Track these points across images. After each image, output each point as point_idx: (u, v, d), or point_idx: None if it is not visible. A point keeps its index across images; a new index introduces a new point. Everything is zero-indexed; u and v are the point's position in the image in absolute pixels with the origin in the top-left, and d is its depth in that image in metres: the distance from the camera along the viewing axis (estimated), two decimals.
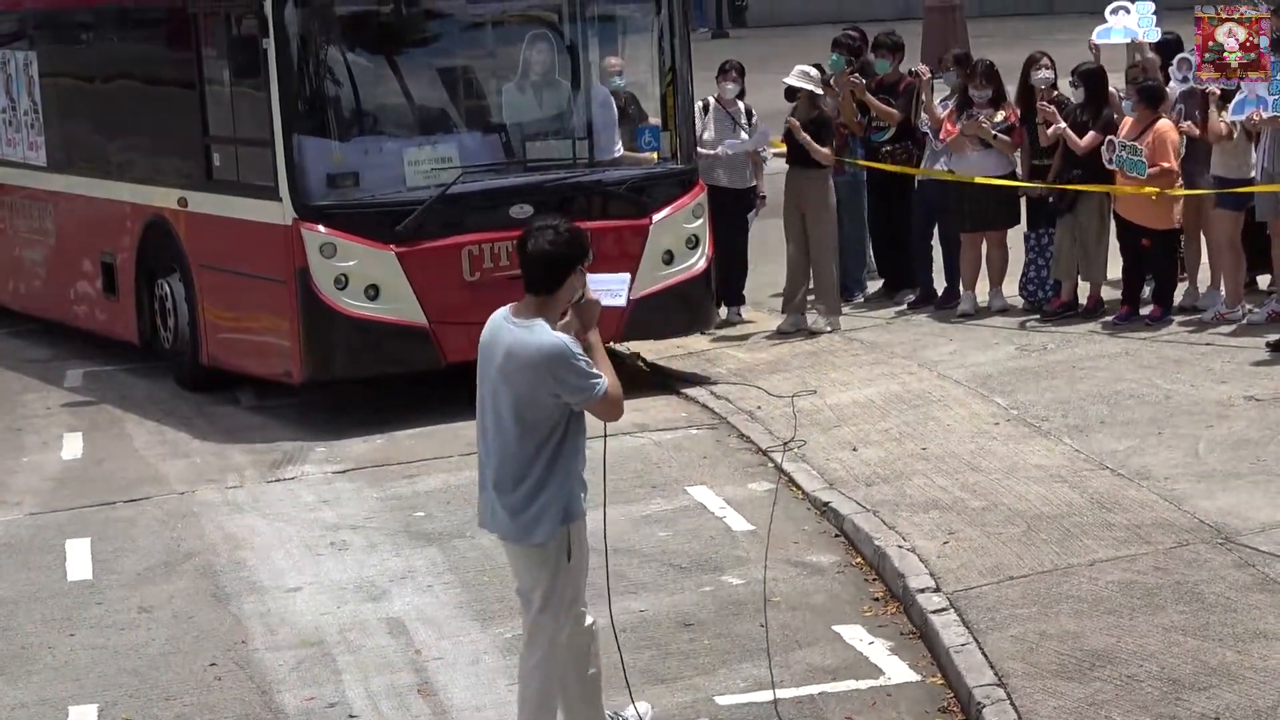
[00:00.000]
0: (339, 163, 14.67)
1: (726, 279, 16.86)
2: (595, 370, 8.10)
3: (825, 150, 16.33)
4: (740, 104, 17.22)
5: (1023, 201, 16.70)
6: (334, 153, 14.71)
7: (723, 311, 17.02)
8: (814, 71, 16.80)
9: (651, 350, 16.22)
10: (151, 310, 16.49)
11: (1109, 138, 15.54)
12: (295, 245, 14.41)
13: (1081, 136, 15.75)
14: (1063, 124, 15.82)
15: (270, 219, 14.59)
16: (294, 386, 15.02)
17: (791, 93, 16.66)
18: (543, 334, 8.08)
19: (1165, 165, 15.32)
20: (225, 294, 15.43)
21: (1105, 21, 16.77)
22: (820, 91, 16.70)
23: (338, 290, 14.41)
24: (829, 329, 16.43)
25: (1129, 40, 16.67)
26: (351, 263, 14.43)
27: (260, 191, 14.67)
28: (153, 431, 15.11)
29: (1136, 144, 15.36)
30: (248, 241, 15.00)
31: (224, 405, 15.68)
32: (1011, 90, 16.84)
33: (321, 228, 14.40)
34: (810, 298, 16.78)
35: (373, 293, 14.49)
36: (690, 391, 15.14)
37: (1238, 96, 15.19)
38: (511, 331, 8.16)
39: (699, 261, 15.55)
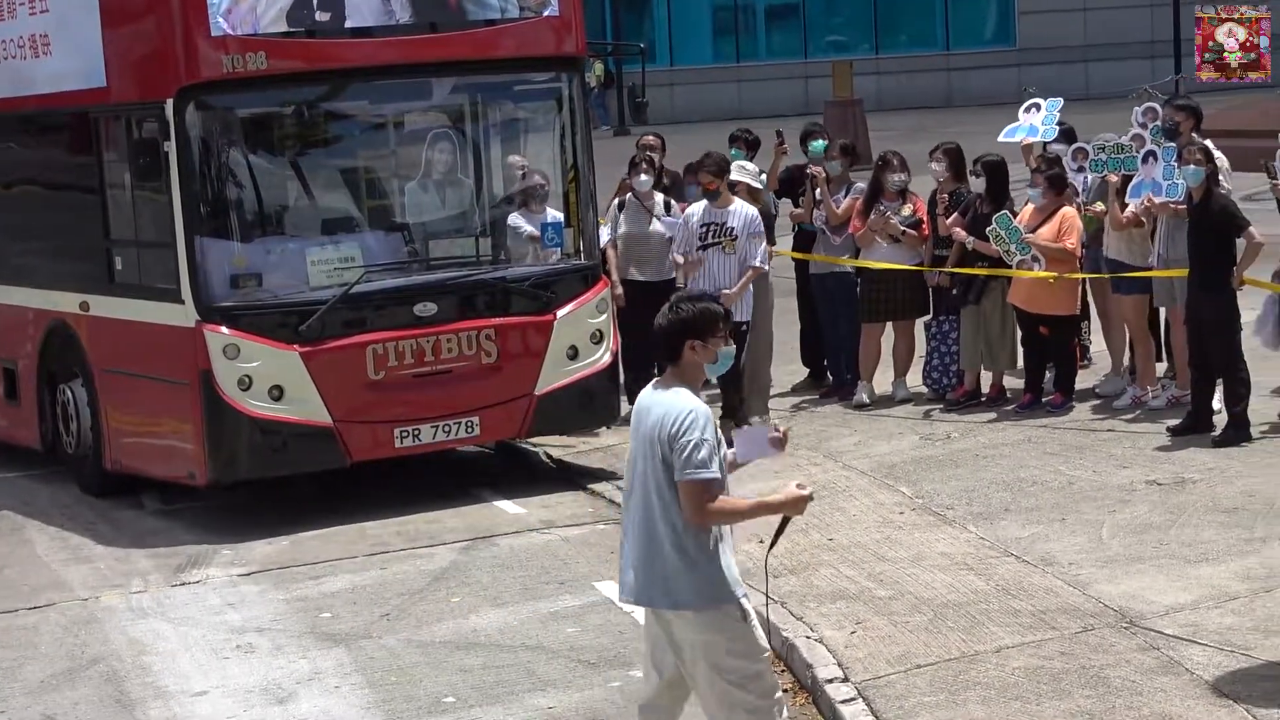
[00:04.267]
0: (242, 264, 14.64)
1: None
2: (708, 460, 8.13)
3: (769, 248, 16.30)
4: (657, 196, 16.91)
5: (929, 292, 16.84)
6: (236, 254, 14.67)
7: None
8: (751, 166, 16.88)
9: (557, 445, 16.23)
10: (54, 415, 16.37)
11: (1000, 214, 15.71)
12: (199, 347, 14.35)
13: (981, 226, 15.91)
14: (970, 238, 15.94)
15: (173, 321, 14.54)
16: (199, 489, 14.94)
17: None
18: (680, 399, 8.20)
19: (1069, 245, 15.49)
20: (128, 397, 15.34)
21: (1015, 120, 17.03)
22: (759, 186, 16.78)
23: (242, 391, 14.36)
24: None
25: (1030, 140, 16.92)
26: (255, 364, 14.38)
27: (163, 294, 14.61)
28: (55, 537, 14.97)
29: (1017, 224, 15.54)
30: (150, 344, 14.93)
31: (128, 510, 15.55)
32: (915, 182, 17.01)
33: (224, 329, 14.36)
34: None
35: (277, 393, 14.44)
36: (597, 487, 15.14)
37: (1134, 180, 15.35)
38: (651, 394, 8.34)
39: (603, 356, 15.57)
